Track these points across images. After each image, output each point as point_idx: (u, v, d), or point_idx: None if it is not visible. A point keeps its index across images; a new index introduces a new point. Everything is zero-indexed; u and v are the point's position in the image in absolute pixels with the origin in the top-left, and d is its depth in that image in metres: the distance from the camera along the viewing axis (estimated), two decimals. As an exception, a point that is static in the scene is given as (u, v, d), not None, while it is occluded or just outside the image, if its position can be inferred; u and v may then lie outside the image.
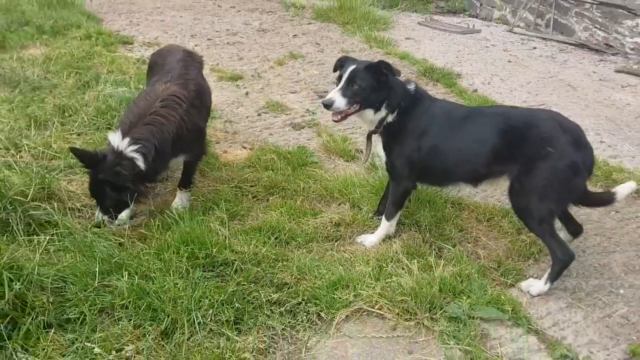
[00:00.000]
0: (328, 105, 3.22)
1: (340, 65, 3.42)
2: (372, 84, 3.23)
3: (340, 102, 3.20)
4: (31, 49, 7.17)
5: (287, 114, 5.52)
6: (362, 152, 4.32)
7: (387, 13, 10.05)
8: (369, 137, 3.52)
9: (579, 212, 3.86)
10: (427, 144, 3.29)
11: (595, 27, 8.45)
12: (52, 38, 7.70)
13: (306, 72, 6.76)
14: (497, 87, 6.36)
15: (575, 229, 3.47)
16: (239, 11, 10.19)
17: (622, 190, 3.18)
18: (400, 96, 3.31)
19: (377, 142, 3.46)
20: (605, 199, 3.26)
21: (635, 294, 3.21)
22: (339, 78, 3.31)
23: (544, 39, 8.84)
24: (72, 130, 4.83)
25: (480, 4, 10.96)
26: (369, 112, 3.32)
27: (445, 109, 3.41)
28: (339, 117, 3.30)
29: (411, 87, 3.38)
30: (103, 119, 4.97)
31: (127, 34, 8.30)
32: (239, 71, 6.73)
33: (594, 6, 8.41)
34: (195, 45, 7.80)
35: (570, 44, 8.48)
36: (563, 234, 3.47)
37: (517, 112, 3.35)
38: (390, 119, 3.33)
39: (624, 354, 2.81)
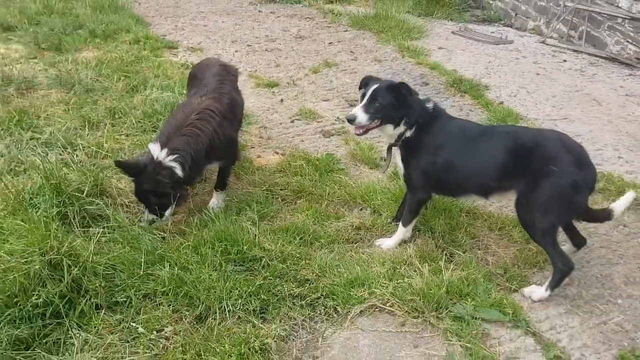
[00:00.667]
0: (351, 120, 3.55)
1: (364, 83, 3.73)
2: (392, 102, 3.53)
3: (362, 117, 3.53)
4: (84, 52, 7.70)
5: (318, 122, 5.86)
6: (385, 160, 4.62)
7: (422, 21, 10.28)
8: (389, 149, 3.84)
9: (588, 226, 4.09)
10: (442, 159, 3.59)
11: (627, 41, 8.54)
12: (104, 42, 8.23)
13: (339, 81, 7.09)
14: (523, 100, 6.57)
15: (578, 241, 3.72)
16: (279, 17, 10.57)
17: (619, 205, 3.44)
18: (419, 114, 3.60)
19: (397, 154, 3.78)
20: (604, 216, 3.51)
21: (632, 304, 3.45)
22: (363, 96, 3.63)
23: (575, 51, 8.95)
24: (122, 132, 5.28)
25: (515, 14, 11.10)
26: (389, 127, 3.63)
27: (460, 126, 3.70)
28: (361, 131, 3.63)
29: (429, 105, 3.67)
30: (149, 121, 5.41)
31: (172, 38, 8.77)
32: (275, 78, 7.11)
33: (626, 21, 8.49)
34: (236, 52, 8.22)
35: (601, 57, 8.58)
36: (568, 245, 3.73)
37: (525, 132, 3.63)
38: (408, 134, 3.64)
39: (613, 358, 3.06)
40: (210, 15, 10.54)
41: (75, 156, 4.64)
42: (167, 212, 3.87)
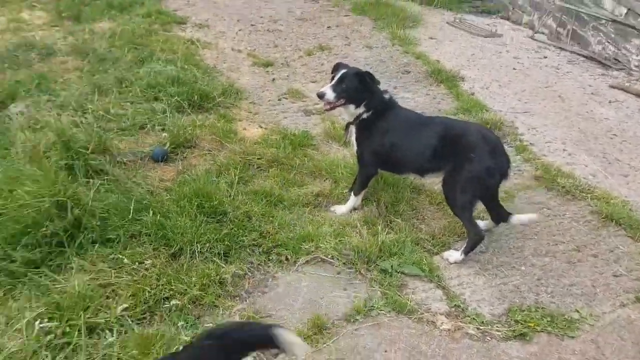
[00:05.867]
0: (320, 96, 4.27)
1: (335, 68, 4.43)
2: (356, 86, 4.23)
3: (330, 94, 4.23)
4: (101, 23, 8.43)
5: (303, 101, 6.56)
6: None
7: (421, 10, 10.84)
8: (347, 127, 4.54)
9: (518, 206, 4.78)
10: (389, 141, 4.29)
11: (608, 42, 9.07)
12: (119, 13, 8.95)
13: (329, 64, 7.71)
14: (492, 93, 7.19)
15: (498, 218, 4.40)
16: (287, -3, 11.03)
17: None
18: (377, 100, 4.31)
19: (352, 133, 4.49)
20: (501, 216, 4.29)
21: (532, 271, 4.16)
22: (332, 78, 4.33)
23: (560, 48, 9.50)
24: (127, 99, 6.03)
25: (513, 8, 11.60)
26: (351, 107, 4.34)
27: (407, 116, 4.40)
28: (329, 106, 4.34)
29: (387, 95, 4.38)
30: (152, 91, 6.14)
31: (182, 14, 9.43)
32: (271, 58, 7.79)
33: (609, 23, 9.01)
34: (239, 30, 8.89)
35: (582, 56, 9.14)
36: (487, 221, 4.44)
37: (455, 123, 4.35)
38: (365, 116, 4.35)
39: (503, 310, 3.79)
40: (221, -8, 11.04)
41: (85, 118, 5.40)
42: None
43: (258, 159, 5.19)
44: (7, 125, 5.21)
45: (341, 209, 4.63)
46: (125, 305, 3.38)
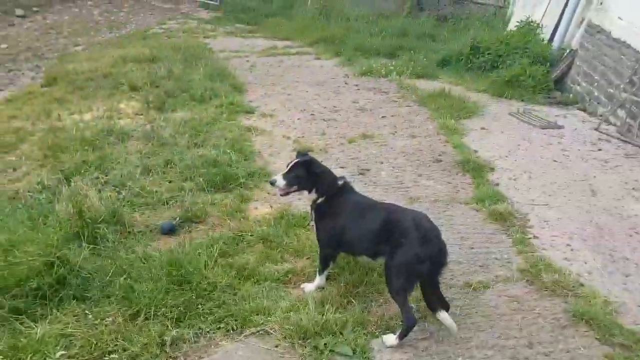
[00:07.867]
0: (272, 183, 4.76)
1: (295, 157, 4.91)
2: (304, 174, 4.70)
3: (280, 182, 4.72)
4: (178, 113, 9.65)
5: (321, 186, 7.27)
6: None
7: (487, 100, 11.01)
8: (311, 209, 4.94)
9: (488, 298, 4.78)
10: (340, 224, 4.62)
11: (674, 135, 8.56)
12: (199, 104, 10.16)
13: (365, 152, 8.20)
14: (519, 184, 7.13)
15: (430, 305, 4.41)
16: (359, 89, 11.83)
17: (444, 317, 4.30)
18: (327, 186, 4.72)
19: (312, 217, 4.88)
20: (434, 304, 4.35)
21: (465, 363, 4.46)
22: (287, 166, 4.82)
23: (625, 141, 9.11)
24: (166, 178, 6.91)
25: (589, 99, 11.32)
26: (305, 192, 4.79)
27: (356, 201, 4.72)
28: (282, 192, 4.81)
29: (340, 181, 4.76)
30: (188, 172, 6.98)
31: (255, 104, 10.40)
32: (314, 144, 8.41)
33: (674, 115, 8.55)
34: (298, 119, 9.66)
35: (644, 150, 8.73)
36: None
37: (396, 209, 4.57)
38: (319, 201, 4.74)
39: (418, 397, 4.09)
40: (301, 85, 12.02)
41: (119, 194, 6.32)
42: None
43: (250, 235, 5.70)
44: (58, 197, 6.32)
45: (309, 287, 4.94)
46: (63, 352, 3.96)
